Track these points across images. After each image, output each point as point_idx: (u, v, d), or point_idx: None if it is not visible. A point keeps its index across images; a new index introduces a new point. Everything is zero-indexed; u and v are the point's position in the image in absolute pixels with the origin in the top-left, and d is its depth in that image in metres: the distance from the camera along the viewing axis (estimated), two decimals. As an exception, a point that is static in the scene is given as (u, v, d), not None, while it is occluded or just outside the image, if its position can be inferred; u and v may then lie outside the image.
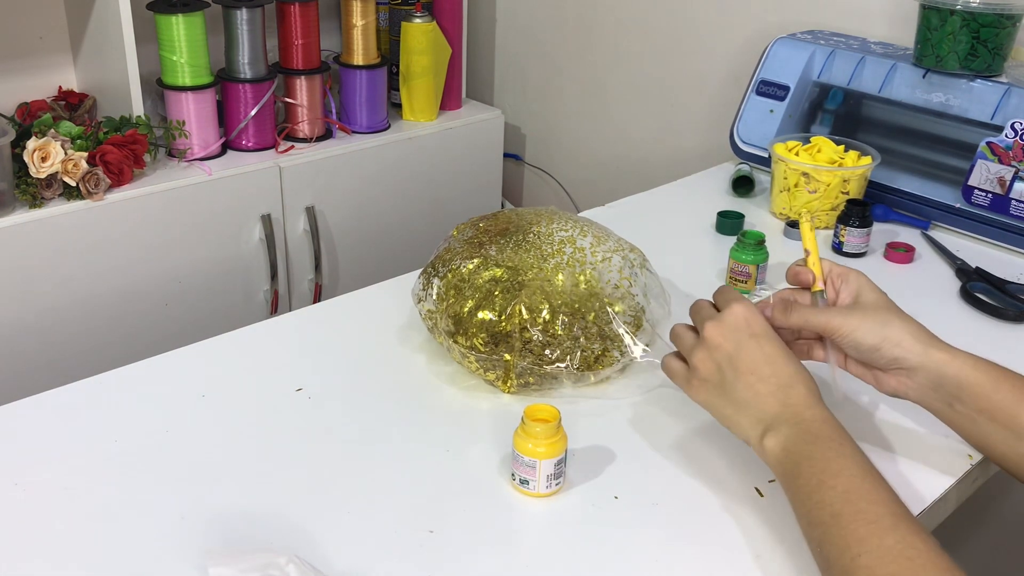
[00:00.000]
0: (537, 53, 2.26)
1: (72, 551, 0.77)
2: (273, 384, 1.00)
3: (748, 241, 1.20)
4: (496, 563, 0.77)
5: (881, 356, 0.84)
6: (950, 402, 0.84)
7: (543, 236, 1.03)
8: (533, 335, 0.95)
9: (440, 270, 1.02)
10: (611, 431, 0.93)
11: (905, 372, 0.84)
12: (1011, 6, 1.35)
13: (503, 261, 1.00)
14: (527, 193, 2.43)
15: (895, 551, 0.68)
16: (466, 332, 0.96)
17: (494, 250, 1.01)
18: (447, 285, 1.00)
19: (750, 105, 1.60)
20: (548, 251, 1.02)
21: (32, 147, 1.54)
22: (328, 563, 0.75)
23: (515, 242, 1.02)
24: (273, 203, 1.83)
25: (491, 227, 1.06)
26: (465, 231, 1.07)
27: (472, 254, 1.01)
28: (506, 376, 0.97)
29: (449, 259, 1.02)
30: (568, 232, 1.05)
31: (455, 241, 1.06)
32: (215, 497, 0.83)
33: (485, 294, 0.97)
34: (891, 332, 0.84)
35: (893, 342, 0.84)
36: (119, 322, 1.69)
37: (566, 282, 0.99)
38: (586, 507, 0.83)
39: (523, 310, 0.95)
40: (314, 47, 1.92)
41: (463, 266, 1.00)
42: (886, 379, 0.86)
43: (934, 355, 0.83)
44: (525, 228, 1.04)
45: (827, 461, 0.75)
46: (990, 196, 1.34)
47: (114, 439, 0.90)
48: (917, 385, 0.84)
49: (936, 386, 0.84)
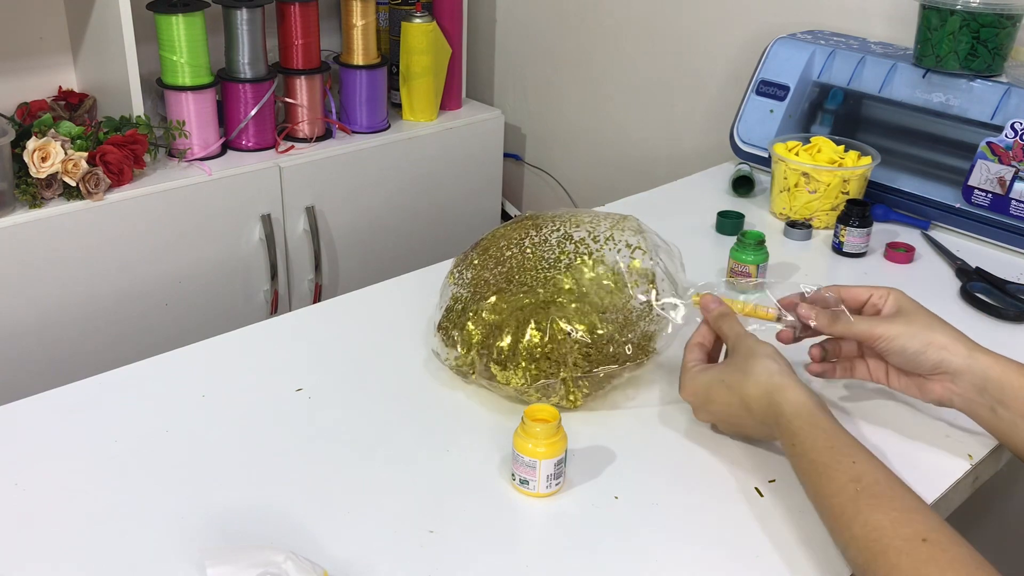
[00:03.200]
0: (537, 53, 2.26)
1: (72, 551, 0.77)
2: (273, 384, 1.00)
3: (748, 241, 1.20)
4: (496, 563, 0.77)
5: (926, 359, 0.86)
6: (993, 407, 0.85)
7: (538, 244, 1.01)
8: (581, 343, 0.92)
9: (458, 320, 0.98)
10: (611, 431, 0.93)
11: (950, 376, 0.86)
12: (1011, 6, 1.35)
13: (517, 287, 0.97)
14: (527, 193, 2.43)
15: None
16: (517, 366, 0.93)
17: (503, 280, 0.98)
18: (476, 328, 0.96)
19: (750, 105, 1.60)
20: (551, 256, 1.00)
21: (32, 147, 1.54)
22: (328, 563, 0.75)
23: (517, 263, 1.00)
24: (273, 203, 1.83)
25: (485, 261, 1.02)
26: (461, 275, 1.03)
27: (484, 293, 0.98)
28: (567, 393, 0.94)
29: (463, 308, 0.99)
30: (559, 230, 1.03)
31: (457, 288, 1.02)
32: (214, 497, 0.83)
33: (518, 323, 0.93)
34: (935, 337, 0.86)
35: (938, 346, 0.86)
36: (119, 322, 1.69)
37: (585, 278, 0.97)
38: (586, 507, 0.83)
39: (562, 323, 0.92)
40: (314, 47, 1.92)
41: (482, 307, 0.96)
42: (931, 386, 0.88)
43: (979, 358, 0.85)
44: (516, 245, 1.02)
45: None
46: (990, 196, 1.34)
47: (114, 439, 0.90)
48: (962, 390, 0.86)
49: (980, 390, 0.85)
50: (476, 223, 2.22)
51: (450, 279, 1.04)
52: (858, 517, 0.71)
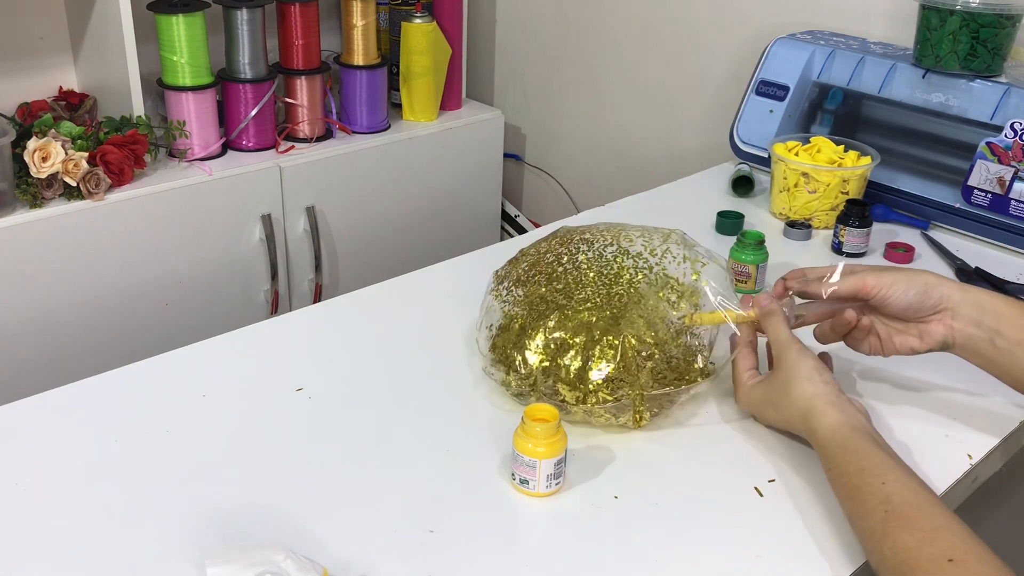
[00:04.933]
0: (537, 53, 2.26)
1: (72, 551, 0.77)
2: (273, 384, 1.00)
3: (748, 241, 1.20)
4: (496, 563, 0.77)
5: (927, 299, 0.89)
6: (992, 338, 0.88)
7: (593, 260, 0.99)
8: (655, 359, 0.91)
9: (517, 340, 0.94)
10: (611, 431, 0.93)
11: (950, 313, 0.89)
12: (1011, 6, 1.35)
13: (579, 303, 0.94)
14: (527, 193, 2.43)
15: None
16: (588, 389, 0.90)
17: (562, 297, 0.96)
18: (541, 349, 0.92)
19: (750, 105, 1.60)
20: (610, 272, 0.97)
21: (32, 147, 1.54)
22: (328, 563, 0.75)
23: (573, 279, 0.97)
24: (273, 203, 1.83)
25: (535, 276, 0.99)
26: (510, 291, 0.99)
27: (544, 311, 0.95)
28: (635, 412, 0.92)
29: (520, 326, 0.95)
30: (612, 244, 1.00)
31: (508, 306, 0.98)
32: (215, 497, 0.83)
33: (586, 341, 0.92)
34: (927, 277, 0.90)
35: (932, 285, 0.89)
36: (119, 322, 1.69)
37: (648, 293, 0.95)
38: (586, 507, 0.83)
39: (632, 340, 0.90)
40: (314, 47, 1.92)
41: (544, 325, 0.93)
42: (931, 329, 0.90)
43: (971, 290, 0.89)
44: (569, 260, 0.99)
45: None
46: (990, 196, 1.34)
47: (114, 439, 0.90)
48: (961, 325, 0.89)
49: (978, 322, 0.88)
50: (476, 223, 2.22)
51: (495, 296, 1.00)
52: (887, 539, 0.72)
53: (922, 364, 1.07)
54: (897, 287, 0.89)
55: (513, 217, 2.38)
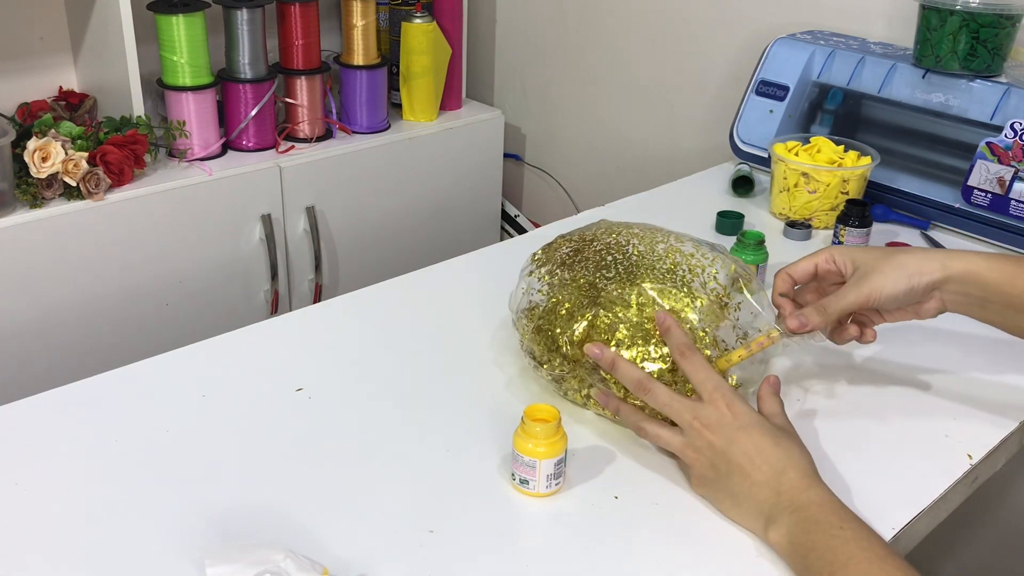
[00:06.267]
0: (537, 53, 2.26)
1: (72, 551, 0.77)
2: (273, 384, 1.00)
3: (748, 241, 1.20)
4: (496, 563, 0.77)
5: (918, 288, 0.89)
6: (982, 304, 0.89)
7: (644, 254, 0.96)
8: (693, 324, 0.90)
9: (566, 325, 0.92)
10: (611, 431, 0.93)
11: (939, 291, 0.90)
12: (1011, 6, 1.35)
13: (631, 296, 0.93)
14: (527, 193, 2.43)
15: None
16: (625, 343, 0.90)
17: (613, 287, 0.93)
18: (592, 338, 0.91)
19: (750, 105, 1.60)
20: (662, 268, 0.95)
21: (32, 147, 1.54)
22: (328, 563, 0.75)
23: (624, 269, 0.95)
24: (273, 203, 1.83)
25: (577, 259, 0.97)
26: (553, 275, 0.97)
27: (593, 298, 0.93)
28: None
29: (567, 312, 0.93)
30: (663, 242, 0.98)
31: (553, 288, 0.96)
32: (215, 497, 0.83)
33: (632, 337, 0.90)
34: (909, 268, 0.89)
35: (917, 274, 0.89)
36: (119, 322, 1.69)
37: (700, 292, 0.93)
38: (586, 507, 0.84)
39: (664, 300, 0.91)
40: (314, 47, 1.92)
41: (595, 316, 0.92)
42: (925, 307, 0.92)
43: (951, 264, 0.89)
44: (620, 251, 0.97)
45: (833, 551, 0.73)
46: (990, 196, 1.34)
47: (114, 439, 0.90)
48: (951, 297, 0.90)
49: (965, 292, 0.89)
50: (476, 223, 2.22)
51: (537, 278, 0.98)
52: None
53: (922, 364, 1.07)
54: (884, 291, 0.89)
55: (513, 217, 2.38)
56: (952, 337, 1.12)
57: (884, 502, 0.84)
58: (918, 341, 1.10)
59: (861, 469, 0.88)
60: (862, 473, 0.87)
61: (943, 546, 1.60)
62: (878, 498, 0.85)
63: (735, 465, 0.80)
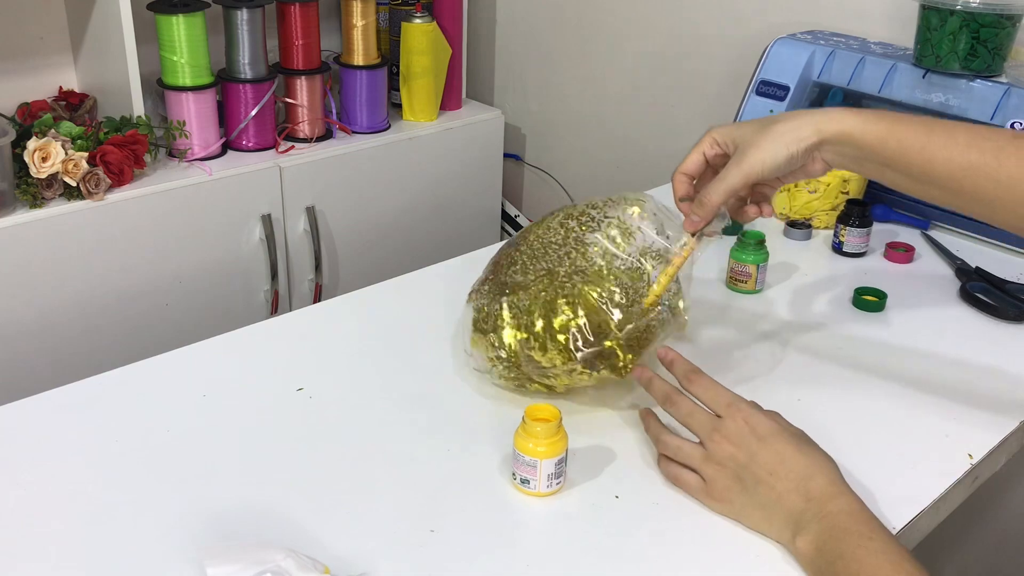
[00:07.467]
0: (537, 53, 2.26)
1: (72, 551, 0.77)
2: (273, 384, 1.00)
3: (748, 241, 1.20)
4: (496, 563, 0.77)
5: (797, 154, 0.88)
6: (859, 162, 0.89)
7: (540, 236, 1.00)
8: (620, 305, 0.91)
9: (490, 328, 0.96)
10: (611, 431, 0.93)
11: (818, 151, 0.89)
12: (1011, 6, 1.35)
13: (536, 275, 0.96)
14: (527, 193, 2.43)
15: None
16: (556, 344, 0.92)
17: (518, 277, 0.97)
18: (512, 323, 0.94)
19: (750, 105, 1.60)
20: (557, 239, 0.98)
21: (33, 147, 1.54)
22: (328, 563, 0.75)
23: (528, 258, 0.98)
24: (273, 203, 1.83)
25: (490, 272, 1.02)
26: (478, 294, 1.01)
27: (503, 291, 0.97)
28: (620, 360, 0.92)
29: (486, 315, 0.97)
30: (556, 217, 1.02)
31: (478, 301, 0.99)
32: (215, 497, 0.83)
33: (546, 303, 0.92)
34: (786, 136, 0.88)
35: (795, 141, 0.88)
36: (119, 322, 1.69)
37: (592, 240, 0.96)
38: (586, 507, 0.83)
39: (592, 293, 0.92)
40: (314, 47, 1.92)
41: (506, 303, 0.95)
42: (811, 168, 0.91)
43: (826, 128, 0.88)
44: (524, 244, 1.01)
45: (859, 561, 0.72)
46: (990, 196, 1.34)
47: (114, 439, 0.90)
48: (832, 157, 0.89)
49: (842, 153, 0.88)
50: (476, 223, 2.22)
51: (468, 302, 1.02)
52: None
53: (922, 364, 1.07)
54: (766, 164, 0.88)
55: (513, 217, 2.38)
56: (952, 337, 1.12)
57: (884, 502, 0.84)
58: (918, 340, 1.10)
59: (861, 469, 0.88)
60: (862, 473, 0.87)
61: (943, 546, 1.60)
62: (878, 498, 0.84)
63: (761, 476, 0.80)
